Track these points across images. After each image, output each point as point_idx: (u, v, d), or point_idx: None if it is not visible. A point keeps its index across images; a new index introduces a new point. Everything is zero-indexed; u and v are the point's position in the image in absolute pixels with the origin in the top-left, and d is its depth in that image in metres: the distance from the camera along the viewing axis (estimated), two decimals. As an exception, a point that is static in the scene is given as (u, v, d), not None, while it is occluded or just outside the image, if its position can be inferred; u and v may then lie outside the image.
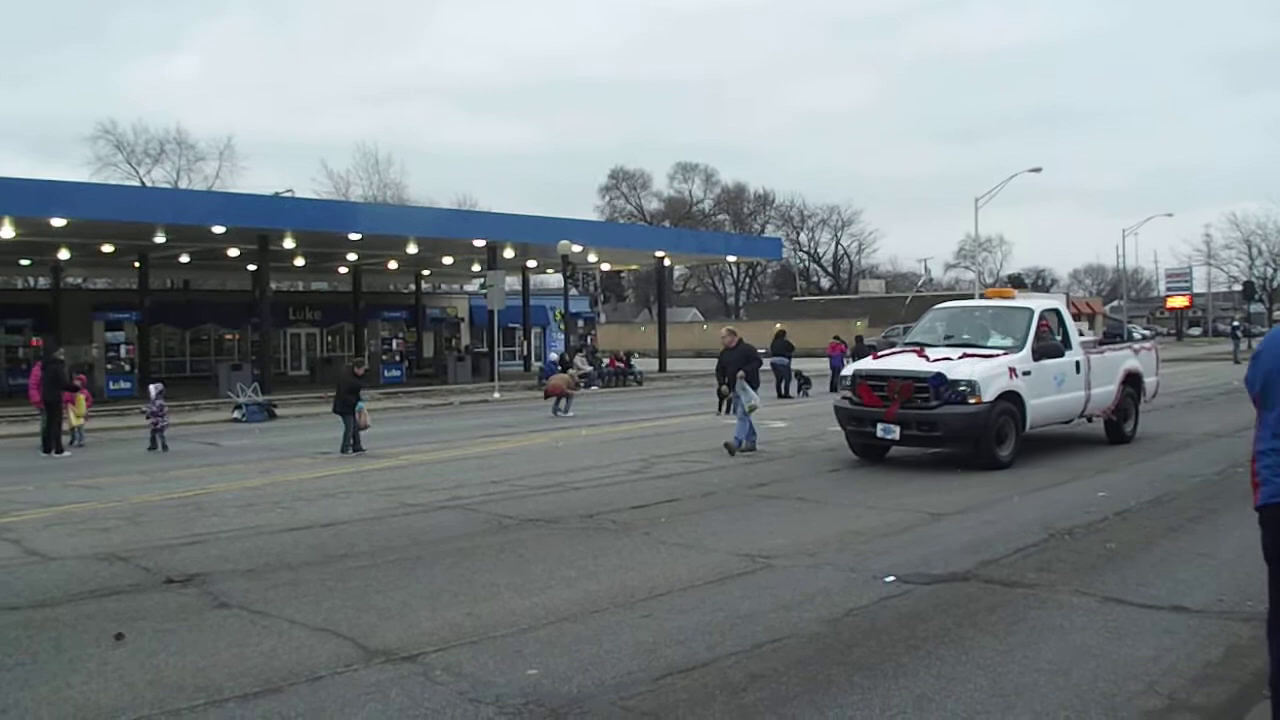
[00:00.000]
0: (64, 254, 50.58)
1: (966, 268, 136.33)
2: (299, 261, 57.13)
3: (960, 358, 19.84)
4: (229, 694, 7.93)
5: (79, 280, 75.72)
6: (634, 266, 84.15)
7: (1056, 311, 22.29)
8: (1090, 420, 23.32)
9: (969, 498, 16.18)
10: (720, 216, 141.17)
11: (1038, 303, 23.11)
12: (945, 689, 7.74)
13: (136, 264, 54.13)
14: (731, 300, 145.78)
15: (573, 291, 66.25)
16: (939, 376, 19.23)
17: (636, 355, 60.32)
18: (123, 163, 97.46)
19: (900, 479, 18.41)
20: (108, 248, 48.69)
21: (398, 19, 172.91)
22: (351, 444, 24.47)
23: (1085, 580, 10.94)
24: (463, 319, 73.83)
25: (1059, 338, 21.64)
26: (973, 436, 19.18)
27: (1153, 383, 25.38)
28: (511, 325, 64.71)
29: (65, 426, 27.17)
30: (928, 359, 20.02)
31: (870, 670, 8.17)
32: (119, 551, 13.31)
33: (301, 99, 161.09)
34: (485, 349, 58.34)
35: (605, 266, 74.70)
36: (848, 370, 22.09)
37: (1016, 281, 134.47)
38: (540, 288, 77.71)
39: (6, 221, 38.82)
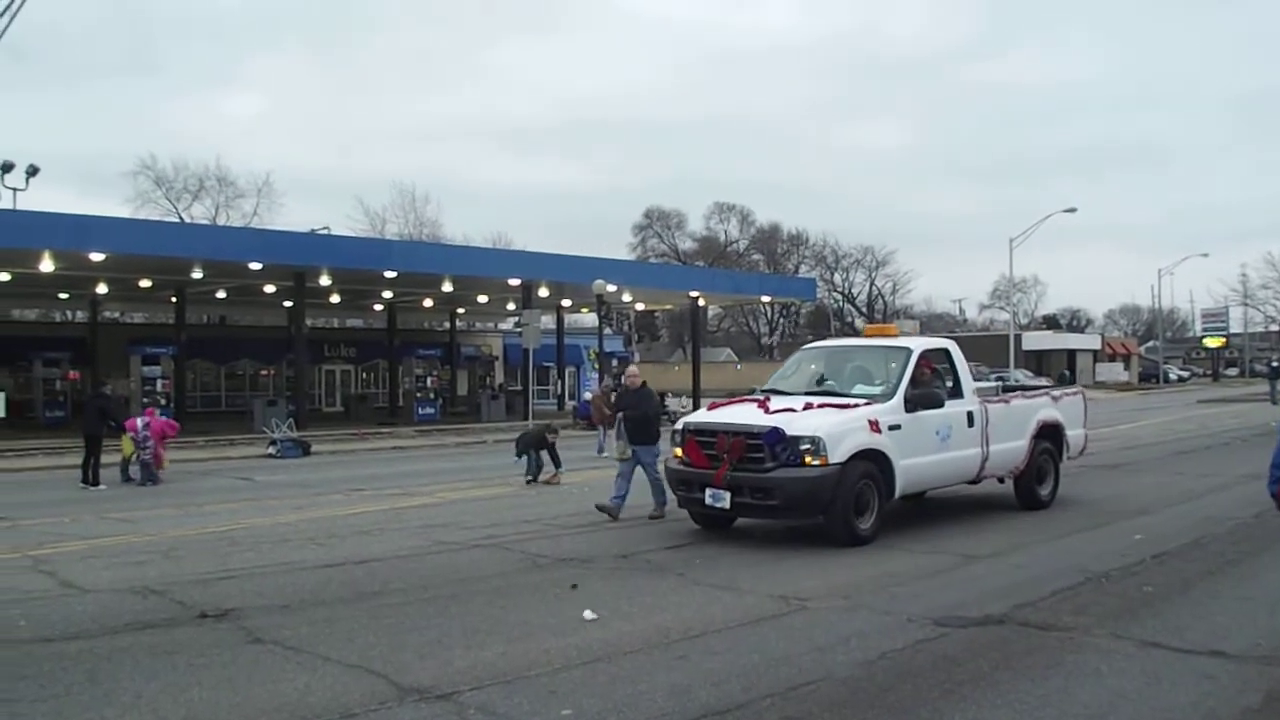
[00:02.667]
0: (102, 288, 50.85)
1: (1001, 308, 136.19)
2: (335, 298, 57.35)
3: (806, 409, 16.45)
4: (263, 731, 7.92)
5: (116, 314, 76.08)
6: (668, 306, 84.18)
7: (945, 352, 18.69)
8: (1002, 481, 19.80)
9: (1003, 541, 16.12)
10: (755, 256, 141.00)
11: (920, 342, 18.88)
12: (981, 734, 7.71)
13: (174, 299, 54.41)
14: (766, 340, 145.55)
15: (607, 331, 66.23)
16: (775, 432, 15.76)
17: (670, 395, 60.36)
18: (162, 198, 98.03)
19: (934, 521, 18.32)
20: (145, 282, 48.93)
21: (450, 60, 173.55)
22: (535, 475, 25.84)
23: (1122, 624, 10.88)
24: (497, 357, 74.01)
25: (949, 383, 18.19)
26: (817, 506, 15.73)
27: (1078, 436, 21.31)
28: (546, 364, 64.81)
29: (119, 458, 27.30)
30: (768, 410, 16.68)
31: (905, 714, 8.17)
32: (154, 585, 13.35)
33: (347, 136, 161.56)
34: (519, 387, 58.38)
35: (640, 306, 74.77)
36: (679, 423, 18.26)
37: (1051, 322, 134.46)
38: (574, 326, 77.76)
39: (46, 255, 39.06)
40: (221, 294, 55.31)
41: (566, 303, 61.32)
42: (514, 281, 51.99)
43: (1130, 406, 63.78)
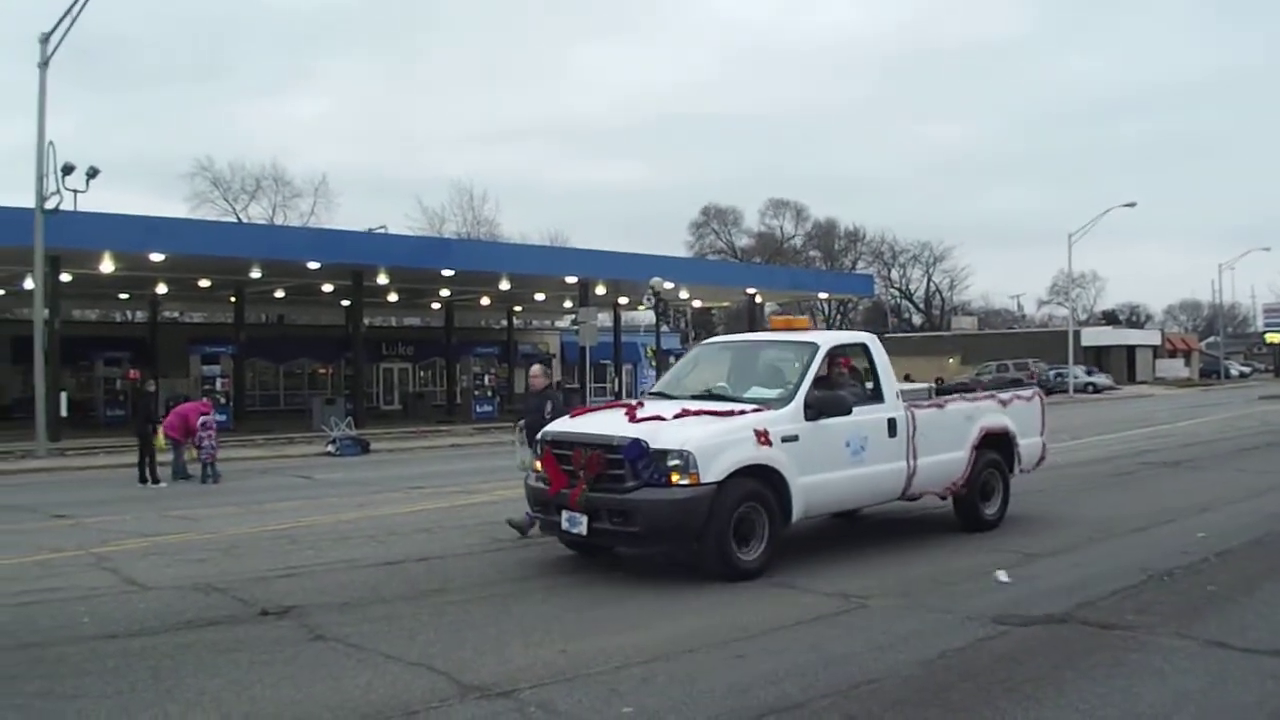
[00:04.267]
0: (162, 288, 51.26)
1: (1060, 304, 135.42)
2: (392, 297, 57.63)
3: (679, 416, 13.92)
4: (325, 728, 7.95)
5: (176, 314, 76.61)
6: (725, 303, 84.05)
7: (863, 348, 16.23)
8: (944, 499, 17.19)
9: (1063, 538, 15.93)
10: (812, 252, 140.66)
11: (829, 337, 16.58)
12: (1043, 733, 7.66)
13: (233, 299, 54.82)
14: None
15: (664, 328, 66.20)
16: (636, 445, 13.22)
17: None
18: (220, 199, 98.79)
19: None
20: (205, 282, 49.32)
21: (513, 61, 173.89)
22: None
23: (1185, 623, 10.76)
24: (555, 355, 74.09)
25: (869, 385, 15.79)
26: (686, 533, 13.17)
27: (1033, 446, 18.36)
28: (603, 361, 64.89)
29: (184, 457, 27.57)
30: (634, 418, 14.15)
31: (967, 713, 8.13)
32: (215, 582, 13.44)
33: (408, 138, 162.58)
34: (577, 385, 58.50)
35: (696, 303, 74.70)
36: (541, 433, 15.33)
37: (1111, 318, 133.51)
38: (631, 324, 77.93)
39: (107, 256, 39.41)
40: (280, 293, 55.70)
41: (624, 300, 61.40)
42: (571, 279, 52.18)
43: (1190, 403, 63.38)
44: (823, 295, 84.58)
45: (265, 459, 33.42)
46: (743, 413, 14.07)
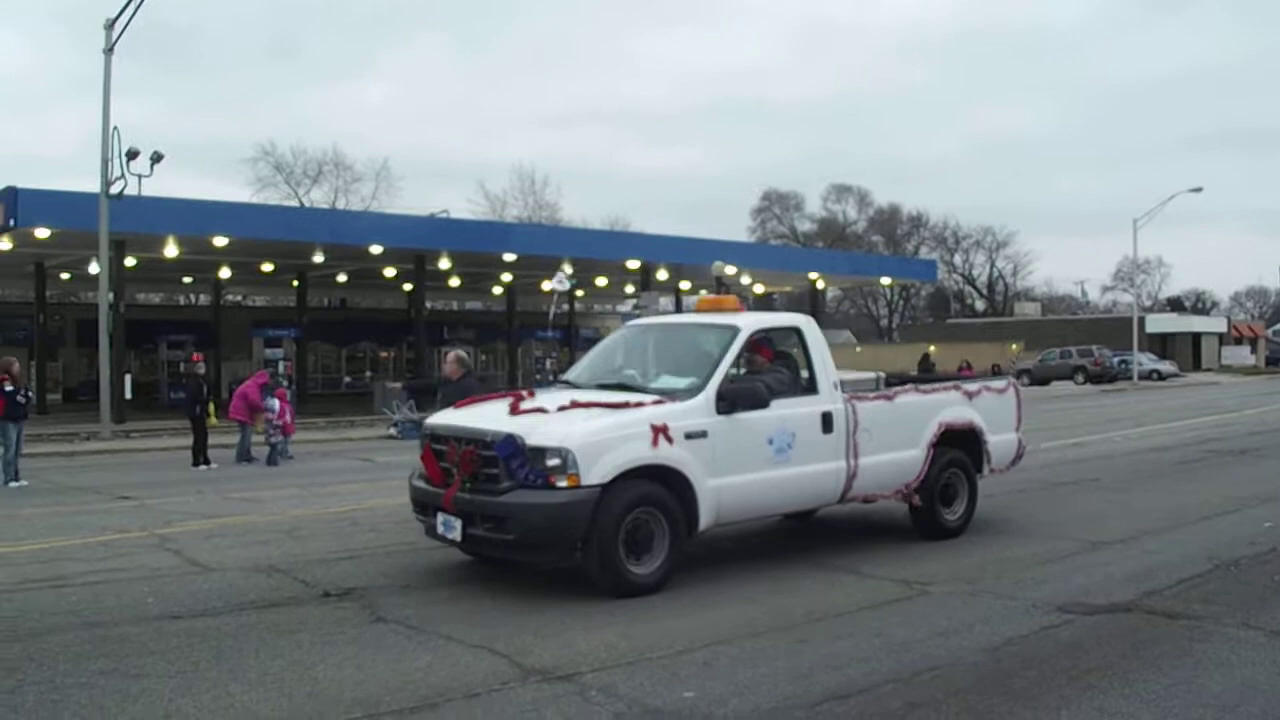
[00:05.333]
0: (225, 272, 51.60)
1: (1124, 290, 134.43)
2: (454, 281, 57.75)
3: (565, 409, 12.47)
4: (386, 708, 8.04)
5: (239, 297, 77.07)
6: (787, 288, 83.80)
7: (795, 333, 14.42)
8: (905, 500, 15.15)
9: (1128, 526, 15.74)
10: (874, 238, 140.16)
11: (754, 320, 14.38)
12: (1108, 723, 7.60)
13: (295, 282, 55.12)
14: (885, 323, 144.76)
15: (725, 313, 65.90)
16: (509, 441, 11.75)
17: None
18: (282, 184, 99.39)
19: (1058, 506, 18.02)
20: (268, 266, 49.61)
21: (578, 47, 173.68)
22: None
23: (1252, 613, 10.65)
24: (616, 339, 74.03)
25: (805, 375, 14.07)
26: (566, 542, 11.76)
27: (1005, 443, 16.41)
28: (665, 346, 64.84)
29: (250, 439, 27.90)
30: (518, 409, 12.70)
31: (1031, 701, 8.07)
32: (278, 564, 13.53)
33: (473, 122, 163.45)
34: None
35: (758, 288, 74.59)
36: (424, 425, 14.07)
37: (1176, 304, 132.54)
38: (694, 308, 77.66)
39: (171, 240, 39.69)
40: (342, 277, 55.96)
41: (685, 285, 61.32)
42: (633, 264, 52.17)
43: (1257, 390, 62.79)
44: (885, 280, 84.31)
45: (327, 442, 33.58)
46: (638, 405, 12.47)
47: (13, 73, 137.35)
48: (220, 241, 39.89)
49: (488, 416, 12.79)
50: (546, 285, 42.09)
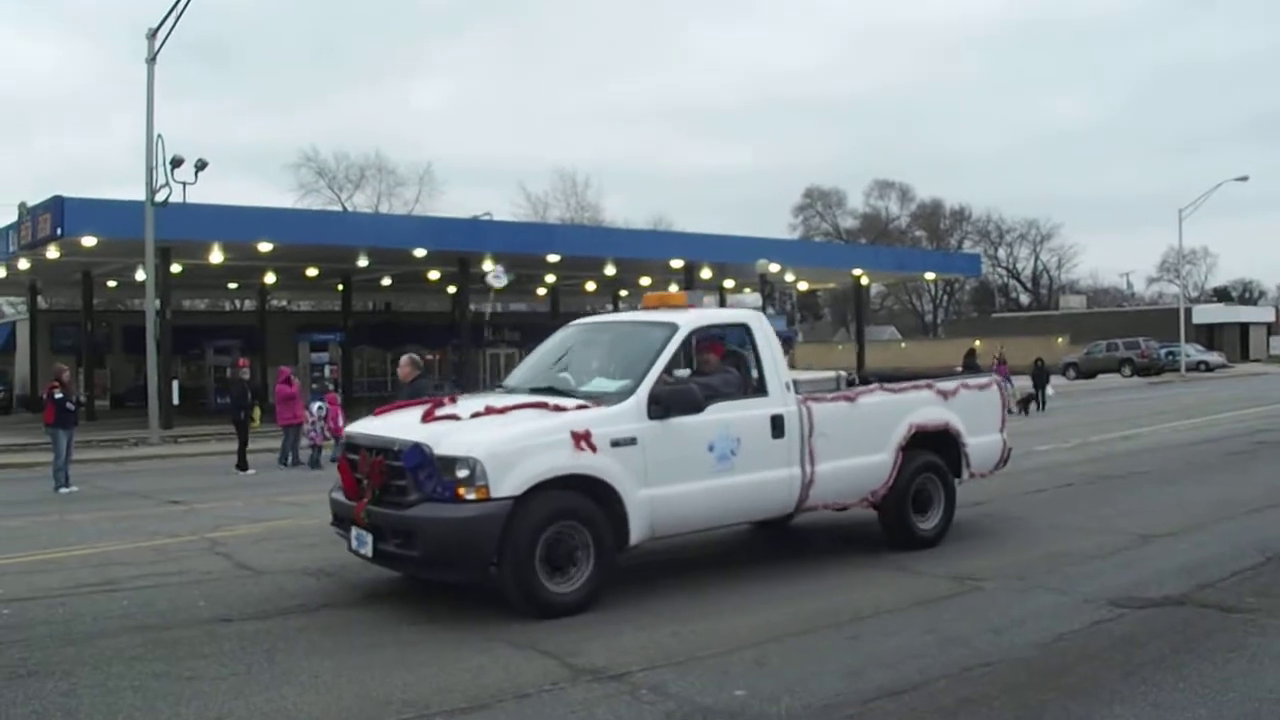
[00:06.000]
0: (270, 278, 51.86)
1: (1170, 281, 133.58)
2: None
3: (480, 415, 11.60)
4: (436, 710, 8.08)
5: (284, 302, 77.39)
6: (831, 285, 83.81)
7: (744, 329, 13.33)
8: (874, 505, 14.05)
9: (1179, 519, 15.59)
10: (917, 233, 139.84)
11: (696, 317, 13.09)
12: (1162, 718, 7.55)
13: (340, 287, 55.34)
14: (929, 318, 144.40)
15: (770, 311, 65.98)
16: (416, 450, 10.92)
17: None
18: (325, 189, 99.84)
19: (1108, 499, 17.85)
20: (313, 271, 49.84)
21: (623, 46, 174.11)
22: None
23: (1307, 606, 10.56)
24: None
25: (755, 374, 13.00)
26: (476, 559, 10.81)
27: (988, 445, 15.29)
28: (709, 344, 64.77)
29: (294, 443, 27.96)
30: (434, 415, 11.89)
31: (1084, 697, 8.02)
32: (326, 568, 13.56)
33: (514, 124, 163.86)
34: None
35: (802, 285, 74.49)
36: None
37: (1222, 295, 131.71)
38: (737, 306, 77.67)
39: (216, 247, 39.93)
40: (387, 281, 56.18)
41: (729, 283, 61.29)
42: (676, 263, 52.14)
43: (1306, 381, 62.40)
44: (929, 275, 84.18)
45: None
46: (562, 410, 11.56)
47: (85, 82, 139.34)
48: (265, 247, 40.15)
49: (399, 424, 12.06)
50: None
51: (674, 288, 48.75)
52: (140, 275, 38.10)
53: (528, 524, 10.73)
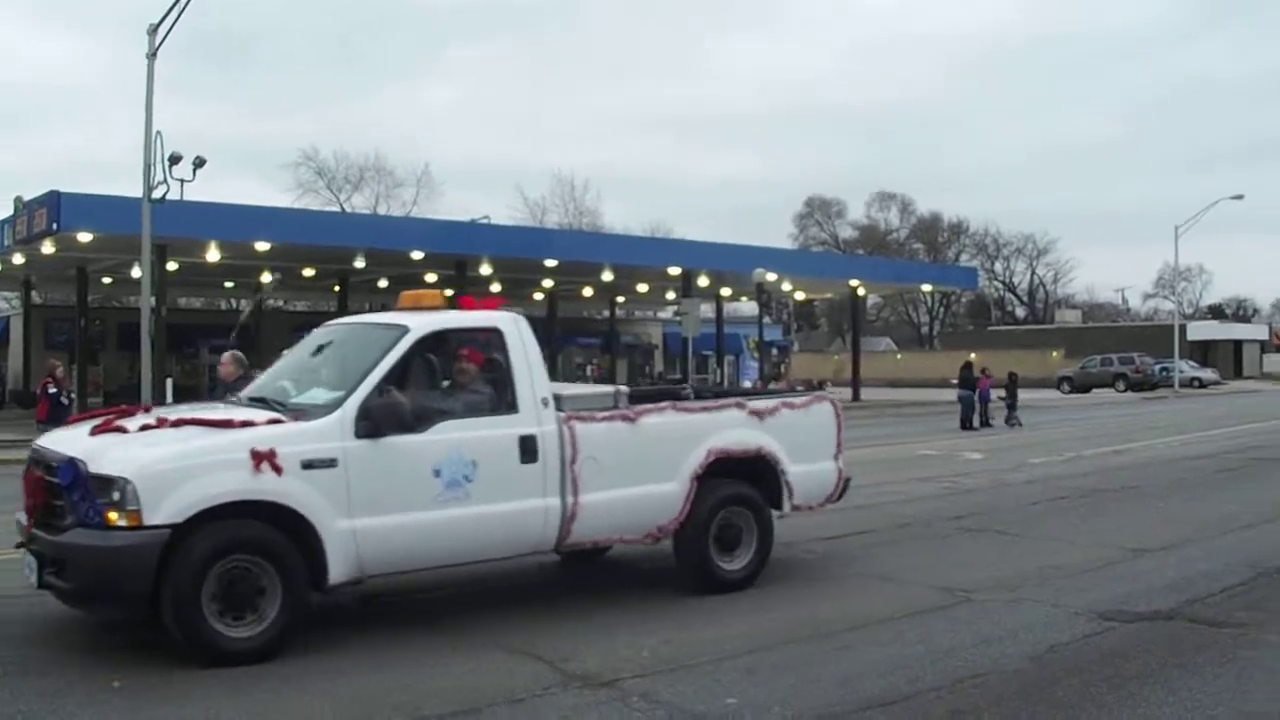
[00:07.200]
0: (266, 277, 51.82)
1: (1165, 298, 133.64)
2: (495, 287, 57.87)
3: (150, 428, 10.15)
4: (428, 712, 8.09)
5: (280, 302, 77.33)
6: (828, 295, 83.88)
7: (496, 334, 11.47)
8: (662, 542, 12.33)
9: (1170, 534, 15.61)
10: (915, 245, 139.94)
11: (431, 321, 11.37)
12: (1152, 730, 7.58)
13: (336, 288, 55.29)
14: (925, 330, 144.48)
15: (766, 320, 66.09)
16: (70, 467, 9.47)
17: (830, 384, 60.12)
18: (324, 189, 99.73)
19: (1101, 513, 17.88)
20: (309, 271, 49.79)
21: (631, 55, 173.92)
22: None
23: (1296, 621, 10.58)
24: (657, 346, 74.33)
25: (510, 389, 11.15)
26: (121, 596, 9.30)
27: (817, 473, 13.15)
28: (705, 352, 64.85)
29: None
30: (105, 428, 10.31)
31: (1073, 709, 8.06)
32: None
33: (519, 129, 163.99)
34: (679, 376, 58.51)
35: (799, 295, 74.57)
36: None
37: (1217, 312, 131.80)
38: (733, 315, 77.74)
39: (213, 245, 39.92)
40: (383, 283, 56.08)
41: (726, 291, 61.39)
42: (674, 270, 52.22)
43: (1300, 399, 62.49)
44: (926, 287, 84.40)
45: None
46: (248, 424, 10.02)
47: (88, 79, 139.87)
48: (262, 246, 40.14)
49: (69, 437, 10.59)
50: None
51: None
52: (136, 272, 38.06)
53: (192, 557, 9.18)
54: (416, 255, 44.09)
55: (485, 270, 48.75)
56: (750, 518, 12.42)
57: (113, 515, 9.10)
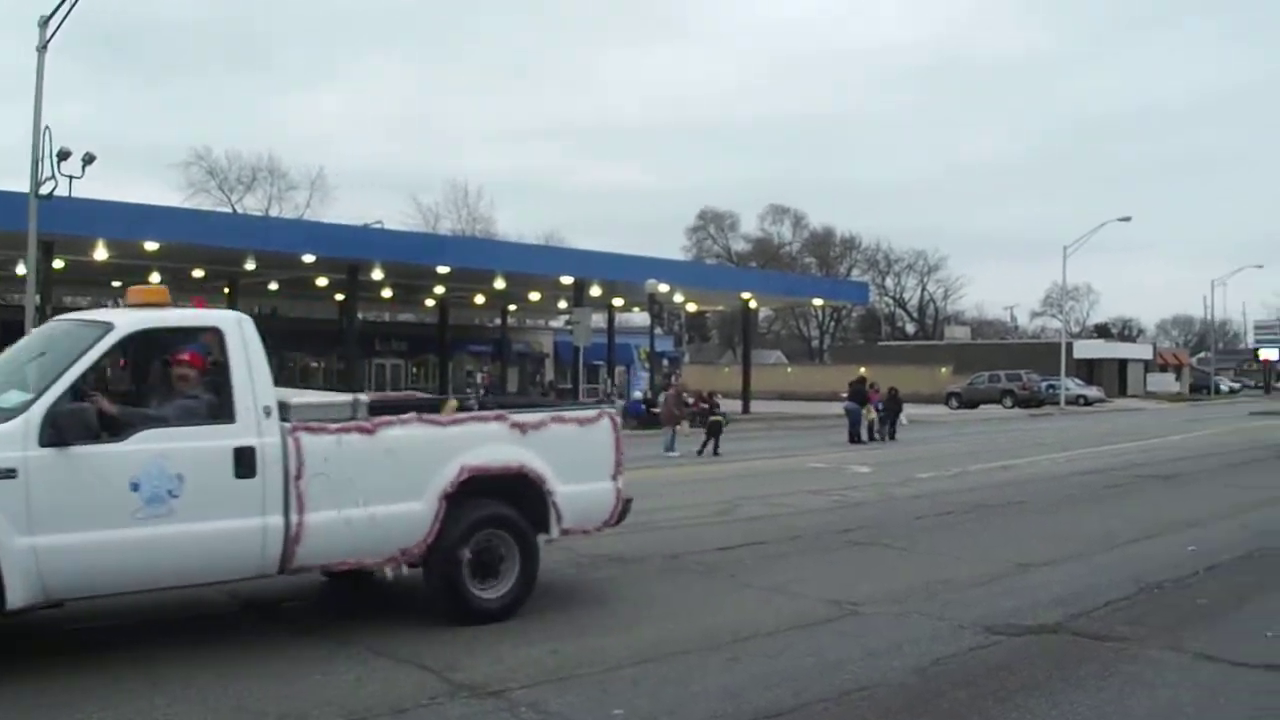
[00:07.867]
0: (155, 277, 51.17)
1: (1053, 316, 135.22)
2: (386, 293, 57.64)
3: None
4: (317, 722, 7.97)
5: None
6: (720, 307, 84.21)
7: (216, 335, 10.56)
8: (412, 565, 11.09)
9: (1056, 550, 15.76)
10: (807, 259, 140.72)
11: (136, 318, 10.34)
12: (1036, 743, 7.66)
13: (226, 290, 54.77)
14: (816, 344, 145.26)
15: (658, 331, 66.19)
16: None
17: (720, 396, 60.28)
18: (215, 189, 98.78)
19: (987, 528, 18.08)
20: (198, 273, 49.27)
21: (536, 64, 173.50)
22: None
23: (1176, 636, 10.74)
24: (548, 354, 74.36)
25: (231, 394, 10.15)
26: None
27: (590, 494, 12.05)
28: (596, 362, 64.85)
29: None
30: None
31: (959, 721, 8.08)
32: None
33: (413, 135, 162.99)
34: (569, 385, 58.51)
35: (691, 306, 74.79)
36: None
37: (1103, 331, 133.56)
38: (625, 326, 77.78)
39: (100, 244, 39.41)
40: (274, 285, 55.71)
41: (618, 302, 61.43)
42: (566, 279, 52.27)
43: (1182, 417, 63.38)
44: (818, 301, 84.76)
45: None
46: None
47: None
48: (151, 246, 39.64)
49: None
50: None
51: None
52: (21, 269, 37.53)
53: None
54: (308, 259, 43.79)
55: (377, 275, 48.53)
56: (512, 542, 11.37)
57: None
